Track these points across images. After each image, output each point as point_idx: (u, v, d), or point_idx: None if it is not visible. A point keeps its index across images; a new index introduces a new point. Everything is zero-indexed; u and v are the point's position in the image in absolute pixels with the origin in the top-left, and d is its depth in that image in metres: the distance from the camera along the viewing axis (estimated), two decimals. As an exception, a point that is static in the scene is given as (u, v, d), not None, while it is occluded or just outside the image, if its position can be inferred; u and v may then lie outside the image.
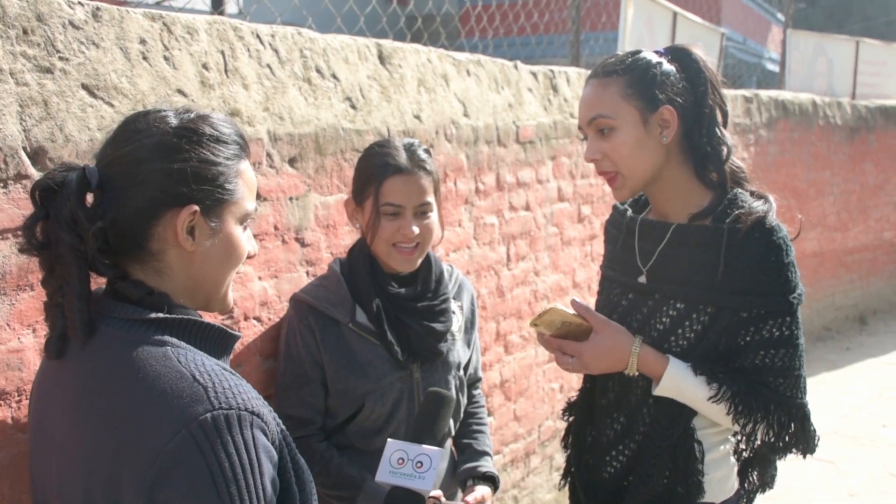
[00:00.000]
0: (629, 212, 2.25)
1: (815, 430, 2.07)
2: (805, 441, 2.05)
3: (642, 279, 2.13)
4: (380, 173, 2.24)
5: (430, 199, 2.30)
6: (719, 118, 2.09)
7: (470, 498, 2.34)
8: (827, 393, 6.80)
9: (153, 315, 1.37)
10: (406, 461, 1.77)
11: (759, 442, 2.06)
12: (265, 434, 1.33)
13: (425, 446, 1.78)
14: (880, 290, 9.76)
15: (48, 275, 1.38)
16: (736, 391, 1.98)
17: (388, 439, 1.83)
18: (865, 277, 9.45)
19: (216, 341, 1.46)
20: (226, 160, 1.44)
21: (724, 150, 2.07)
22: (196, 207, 1.39)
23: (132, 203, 1.37)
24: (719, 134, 2.07)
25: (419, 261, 2.35)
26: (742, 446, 2.18)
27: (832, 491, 5.07)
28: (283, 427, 1.45)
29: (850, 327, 9.08)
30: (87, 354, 1.37)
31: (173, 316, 1.39)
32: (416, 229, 2.26)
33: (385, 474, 1.76)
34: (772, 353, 1.99)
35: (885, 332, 9.00)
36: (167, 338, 1.36)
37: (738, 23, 17.23)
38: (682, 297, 2.04)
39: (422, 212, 2.29)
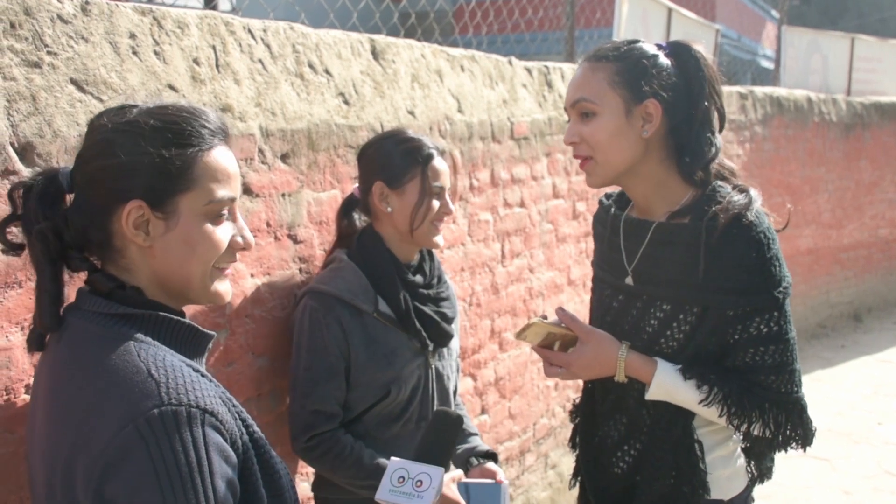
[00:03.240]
0: (613, 208, 2.23)
1: (812, 423, 2.06)
2: (803, 435, 2.04)
3: (629, 280, 2.11)
4: (426, 156, 2.36)
5: None
6: (715, 120, 2.05)
7: (500, 476, 2.42)
8: (822, 390, 6.80)
9: (122, 310, 1.39)
10: (406, 480, 1.79)
11: (757, 436, 2.04)
12: (219, 432, 1.31)
13: (426, 465, 1.79)
14: (875, 287, 9.76)
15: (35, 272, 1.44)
16: (727, 392, 1.96)
17: (392, 458, 1.87)
18: (860, 275, 9.45)
19: (187, 340, 1.45)
20: (176, 150, 1.39)
21: (712, 150, 2.02)
22: (140, 201, 1.38)
23: (87, 202, 1.41)
24: (709, 136, 2.03)
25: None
26: (740, 440, 2.17)
27: (827, 489, 5.07)
28: (255, 430, 1.44)
29: (845, 325, 9.09)
30: (59, 347, 1.40)
31: (142, 311, 1.40)
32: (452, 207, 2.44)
33: (385, 493, 1.78)
34: (762, 350, 1.97)
35: (879, 329, 9.00)
36: (134, 332, 1.37)
37: (732, 19, 17.24)
38: (668, 299, 2.02)
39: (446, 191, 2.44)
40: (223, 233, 1.47)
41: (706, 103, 2.01)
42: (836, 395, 6.72)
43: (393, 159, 2.37)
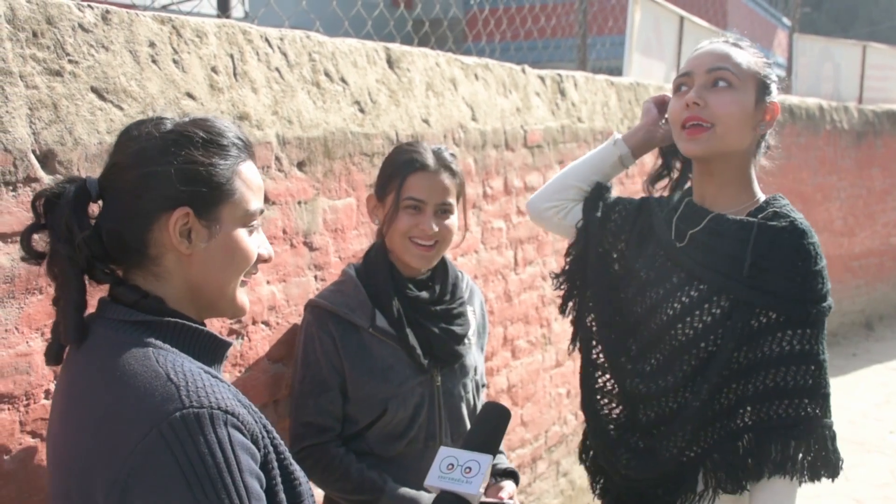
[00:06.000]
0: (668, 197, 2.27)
1: (840, 453, 2.05)
2: (835, 464, 2.06)
3: (678, 244, 2.09)
4: (404, 168, 2.27)
5: (452, 199, 2.31)
6: None
7: (504, 494, 2.31)
8: (833, 399, 6.72)
9: (143, 317, 1.39)
10: (455, 467, 1.81)
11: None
12: (241, 432, 1.31)
13: (475, 452, 1.81)
14: (887, 295, 9.72)
15: (54, 284, 1.42)
16: (779, 454, 1.98)
17: (441, 446, 1.87)
18: (872, 283, 9.41)
19: (207, 347, 1.46)
20: (220, 160, 1.43)
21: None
22: (188, 209, 1.40)
23: (127, 210, 1.40)
24: None
25: (436, 260, 2.34)
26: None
27: (838, 497, 5.04)
28: (276, 436, 1.44)
29: (857, 333, 9.05)
30: (80, 356, 1.40)
31: (162, 319, 1.40)
32: (434, 227, 2.26)
33: (434, 479, 1.81)
34: (794, 370, 1.94)
35: (891, 337, 8.97)
36: (153, 340, 1.37)
37: (743, 27, 17.14)
38: (706, 280, 2.00)
39: (443, 210, 2.29)
40: (254, 243, 1.51)
41: None
42: (848, 404, 6.69)
43: (383, 170, 2.35)
